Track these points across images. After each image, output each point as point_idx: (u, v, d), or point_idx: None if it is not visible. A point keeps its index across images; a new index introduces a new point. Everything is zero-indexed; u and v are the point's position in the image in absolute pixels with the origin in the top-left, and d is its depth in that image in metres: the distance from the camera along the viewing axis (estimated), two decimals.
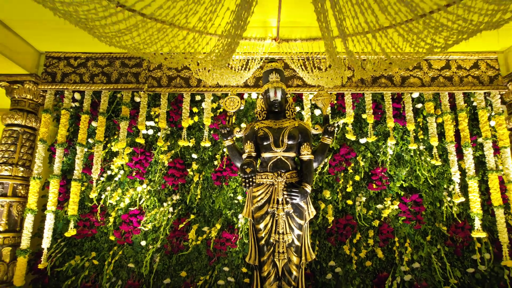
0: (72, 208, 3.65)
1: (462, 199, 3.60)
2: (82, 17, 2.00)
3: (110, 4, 2.05)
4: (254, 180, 2.67)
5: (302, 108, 3.93)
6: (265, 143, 2.86)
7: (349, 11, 1.95)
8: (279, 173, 2.79)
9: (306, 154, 2.85)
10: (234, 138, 3.00)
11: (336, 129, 3.95)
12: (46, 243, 3.55)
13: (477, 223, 3.53)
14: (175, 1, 2.01)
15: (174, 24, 2.24)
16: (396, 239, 3.70)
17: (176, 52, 2.31)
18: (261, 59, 3.52)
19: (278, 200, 2.73)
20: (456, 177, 3.65)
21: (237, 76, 3.07)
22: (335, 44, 2.16)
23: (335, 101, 3.99)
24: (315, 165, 2.92)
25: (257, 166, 2.96)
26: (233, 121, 3.21)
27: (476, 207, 3.55)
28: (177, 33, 2.32)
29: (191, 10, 2.04)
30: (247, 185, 2.65)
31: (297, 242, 2.76)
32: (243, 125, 3.93)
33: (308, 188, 2.75)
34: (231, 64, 3.31)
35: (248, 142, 2.92)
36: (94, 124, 3.98)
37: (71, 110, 3.96)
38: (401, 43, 2.22)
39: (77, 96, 4.04)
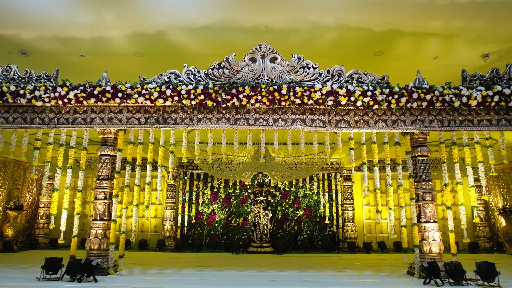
0: (193, 213, 10.87)
1: (323, 210, 10.86)
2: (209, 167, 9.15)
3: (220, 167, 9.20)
4: (254, 205, 9.90)
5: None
6: (257, 195, 10.08)
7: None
8: (261, 204, 10.00)
9: (269, 198, 10.06)
10: (248, 192, 10.24)
11: (280, 188, 11.12)
12: (185, 224, 10.77)
13: (327, 218, 10.80)
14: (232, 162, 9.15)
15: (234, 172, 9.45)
16: (302, 223, 10.93)
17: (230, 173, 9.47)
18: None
19: (260, 211, 9.95)
20: (321, 203, 10.91)
21: (248, 179, 10.34)
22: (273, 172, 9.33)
23: None
24: (272, 200, 10.14)
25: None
26: (248, 184, 10.44)
27: (328, 213, 10.82)
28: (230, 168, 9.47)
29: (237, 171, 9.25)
30: (253, 207, 9.90)
31: (267, 223, 9.96)
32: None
33: (269, 208, 9.98)
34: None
35: (252, 195, 10.14)
36: (196, 183, 11.17)
37: (189, 178, 11.17)
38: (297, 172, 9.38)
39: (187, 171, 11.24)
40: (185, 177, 11.20)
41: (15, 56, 8.96)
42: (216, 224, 11.01)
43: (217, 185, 11.21)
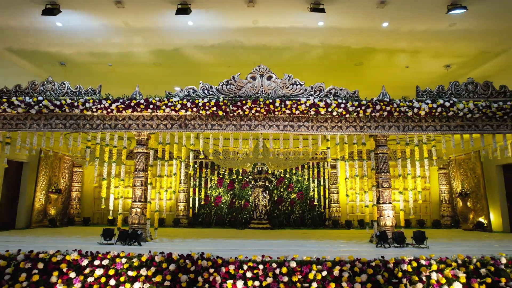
0: (202, 195, 12.84)
1: (312, 193, 12.84)
2: (221, 161, 11.04)
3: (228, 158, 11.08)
4: (254, 189, 11.87)
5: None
6: (257, 180, 12.03)
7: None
8: (260, 188, 11.97)
9: (267, 183, 12.02)
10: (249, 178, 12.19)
11: (276, 175, 13.07)
12: (196, 205, 12.76)
13: (316, 199, 12.78)
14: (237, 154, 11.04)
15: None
16: (295, 204, 12.93)
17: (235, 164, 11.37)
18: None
19: (259, 194, 11.92)
20: (311, 187, 12.87)
21: (249, 168, 12.25)
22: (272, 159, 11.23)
23: None
24: (269, 185, 12.10)
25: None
26: (249, 172, 12.37)
27: (316, 195, 12.79)
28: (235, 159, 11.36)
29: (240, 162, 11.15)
30: (253, 191, 11.87)
31: (265, 204, 11.95)
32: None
33: (267, 192, 11.95)
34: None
35: (253, 180, 12.09)
36: (205, 170, 13.09)
37: (198, 166, 13.09)
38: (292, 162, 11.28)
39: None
40: (196, 166, 13.11)
41: (54, 65, 10.73)
42: (222, 205, 13.00)
43: (222, 172, 13.15)
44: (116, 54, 10.04)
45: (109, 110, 7.73)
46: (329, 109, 7.59)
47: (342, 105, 7.58)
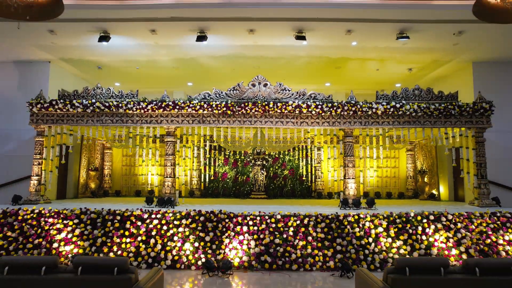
0: (211, 172, 15.71)
1: (301, 170, 15.71)
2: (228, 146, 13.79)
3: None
4: (254, 167, 14.72)
5: None
6: (256, 160, 14.85)
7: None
8: (259, 166, 14.80)
9: (264, 162, 14.84)
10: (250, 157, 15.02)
11: (272, 155, 15.91)
12: (206, 179, 15.66)
13: (304, 175, 15.67)
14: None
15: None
16: (287, 179, 15.81)
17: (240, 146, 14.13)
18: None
19: (258, 171, 14.77)
20: (300, 165, 15.73)
21: (250, 150, 15.05)
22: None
23: None
24: (266, 164, 14.95)
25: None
26: (250, 153, 15.19)
27: (305, 172, 15.67)
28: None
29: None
30: (253, 168, 14.72)
31: (262, 179, 14.83)
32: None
33: (264, 169, 14.82)
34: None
35: (253, 160, 14.91)
36: (213, 152, 15.89)
37: (208, 148, 15.90)
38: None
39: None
40: (206, 148, 15.89)
41: (92, 69, 13.27)
42: (228, 180, 15.89)
43: (228, 153, 15.96)
44: (143, 61, 12.56)
45: (145, 110, 10.40)
46: (310, 109, 10.25)
47: (319, 106, 10.24)
